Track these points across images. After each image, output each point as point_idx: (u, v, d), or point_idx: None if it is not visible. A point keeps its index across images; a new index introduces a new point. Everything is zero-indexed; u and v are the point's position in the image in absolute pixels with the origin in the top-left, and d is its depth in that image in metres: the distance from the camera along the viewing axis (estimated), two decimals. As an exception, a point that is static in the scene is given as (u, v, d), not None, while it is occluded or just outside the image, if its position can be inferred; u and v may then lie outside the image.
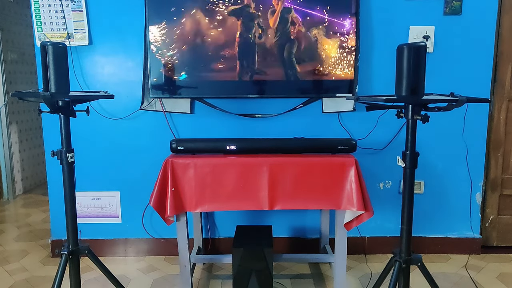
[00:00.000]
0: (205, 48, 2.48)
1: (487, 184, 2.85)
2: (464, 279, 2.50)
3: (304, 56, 2.50)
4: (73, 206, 1.85)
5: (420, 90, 1.62)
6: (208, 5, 2.43)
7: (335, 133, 2.72)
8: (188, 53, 2.49)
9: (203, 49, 2.48)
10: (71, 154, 1.80)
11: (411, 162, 1.72)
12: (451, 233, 2.84)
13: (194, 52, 2.48)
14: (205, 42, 2.48)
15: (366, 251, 2.86)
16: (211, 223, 2.84)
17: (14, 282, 2.47)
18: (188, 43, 2.47)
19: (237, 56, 2.49)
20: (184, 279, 2.29)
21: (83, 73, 2.68)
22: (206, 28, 2.45)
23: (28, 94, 1.71)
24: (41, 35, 2.61)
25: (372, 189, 2.79)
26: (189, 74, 2.51)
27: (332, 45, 2.49)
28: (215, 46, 2.48)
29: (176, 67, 2.50)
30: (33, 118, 4.70)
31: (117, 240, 2.83)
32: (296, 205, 2.16)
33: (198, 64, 2.49)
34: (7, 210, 3.92)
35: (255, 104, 2.69)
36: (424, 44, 1.61)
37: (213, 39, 2.47)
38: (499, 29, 2.68)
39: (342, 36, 2.48)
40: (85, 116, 2.67)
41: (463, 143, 2.74)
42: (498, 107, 2.77)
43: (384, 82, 2.68)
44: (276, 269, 2.64)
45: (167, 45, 2.47)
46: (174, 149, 2.23)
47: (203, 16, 2.44)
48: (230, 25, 2.46)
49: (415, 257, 1.77)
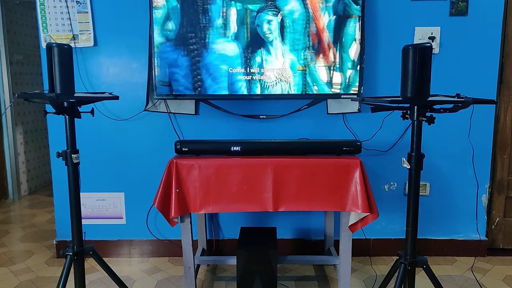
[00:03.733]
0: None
1: (493, 186, 2.83)
2: (470, 281, 2.49)
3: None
4: (78, 207, 1.85)
5: (425, 91, 1.61)
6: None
7: (340, 135, 2.71)
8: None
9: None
10: (76, 155, 1.80)
11: (416, 163, 1.71)
12: (456, 235, 2.82)
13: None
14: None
15: (371, 253, 2.84)
16: (215, 225, 2.84)
17: (19, 283, 2.48)
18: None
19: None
20: (188, 280, 2.28)
21: (88, 74, 2.69)
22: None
23: (33, 95, 1.72)
24: (46, 37, 2.62)
25: (377, 191, 2.78)
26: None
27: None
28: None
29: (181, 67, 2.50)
30: (38, 119, 4.73)
31: (121, 241, 2.84)
32: (301, 206, 2.16)
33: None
34: (13, 211, 3.94)
35: (260, 105, 2.68)
36: (430, 45, 1.60)
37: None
38: (505, 30, 2.67)
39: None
40: (90, 117, 2.68)
41: (469, 144, 2.72)
42: (504, 108, 2.75)
43: (389, 83, 2.67)
44: (281, 271, 2.63)
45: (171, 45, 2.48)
46: (178, 150, 2.23)
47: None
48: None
49: (421, 260, 1.76)
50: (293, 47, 2.48)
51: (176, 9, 2.44)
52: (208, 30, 2.45)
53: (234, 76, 2.50)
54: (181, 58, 2.49)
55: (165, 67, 2.50)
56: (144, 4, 2.58)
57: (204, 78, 2.51)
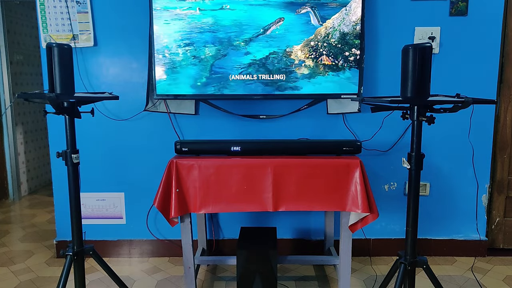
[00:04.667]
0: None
1: (493, 186, 2.82)
2: (470, 281, 2.49)
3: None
4: (78, 207, 1.85)
5: (425, 91, 1.61)
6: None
7: (340, 135, 2.71)
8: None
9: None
10: (76, 155, 1.80)
11: (416, 163, 1.71)
12: (456, 235, 2.82)
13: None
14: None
15: (371, 253, 2.84)
16: (215, 225, 2.84)
17: (20, 283, 2.48)
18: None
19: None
20: (188, 280, 2.28)
21: (88, 74, 2.69)
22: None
23: (33, 95, 1.72)
24: (46, 37, 2.62)
25: (377, 191, 2.78)
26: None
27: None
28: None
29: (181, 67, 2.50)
30: (38, 119, 4.73)
31: (121, 241, 2.84)
32: (301, 206, 2.15)
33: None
34: (13, 211, 3.94)
35: (260, 105, 2.68)
36: (430, 45, 1.60)
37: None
38: (505, 30, 2.67)
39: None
40: (90, 117, 2.68)
41: (469, 144, 2.72)
42: (504, 108, 2.75)
43: (389, 83, 2.67)
44: (281, 271, 2.63)
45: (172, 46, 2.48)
46: (178, 150, 2.23)
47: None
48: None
49: (421, 260, 1.76)
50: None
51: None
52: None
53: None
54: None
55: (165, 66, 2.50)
56: (144, 4, 2.58)
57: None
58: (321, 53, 2.46)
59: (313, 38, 2.45)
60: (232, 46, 2.47)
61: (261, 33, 2.46)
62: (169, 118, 2.71)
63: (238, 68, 2.49)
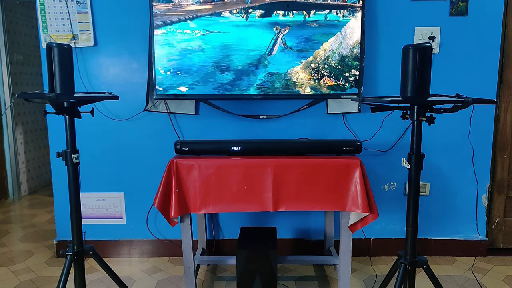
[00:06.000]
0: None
1: (493, 186, 2.82)
2: (470, 281, 2.49)
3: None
4: (78, 207, 1.85)
5: (425, 91, 1.61)
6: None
7: (340, 135, 2.71)
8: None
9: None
10: (76, 155, 1.80)
11: (416, 163, 1.71)
12: (457, 235, 2.82)
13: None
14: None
15: (371, 253, 2.84)
16: (215, 225, 2.84)
17: (20, 283, 2.48)
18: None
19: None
20: (188, 280, 2.29)
21: (88, 74, 2.69)
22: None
23: (33, 95, 1.72)
24: (46, 37, 2.62)
25: (377, 191, 2.78)
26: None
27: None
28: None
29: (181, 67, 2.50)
30: (38, 119, 4.73)
31: (121, 241, 2.84)
32: (301, 206, 2.16)
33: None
34: (13, 210, 3.94)
35: (260, 105, 2.68)
36: (430, 45, 1.60)
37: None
38: (505, 30, 2.67)
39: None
40: (90, 117, 2.68)
41: (469, 144, 2.72)
42: (504, 108, 2.75)
43: (390, 83, 2.67)
44: (281, 271, 2.63)
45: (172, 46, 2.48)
46: (178, 150, 2.23)
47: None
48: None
49: (421, 260, 1.76)
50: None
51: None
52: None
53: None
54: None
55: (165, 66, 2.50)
56: (144, 4, 2.58)
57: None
58: (322, 74, 2.50)
59: (312, 60, 2.48)
60: (234, 70, 2.49)
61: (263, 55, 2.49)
62: (169, 118, 2.71)
63: (240, 90, 2.52)
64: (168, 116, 2.71)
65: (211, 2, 2.41)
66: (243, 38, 2.46)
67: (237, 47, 2.47)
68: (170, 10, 2.44)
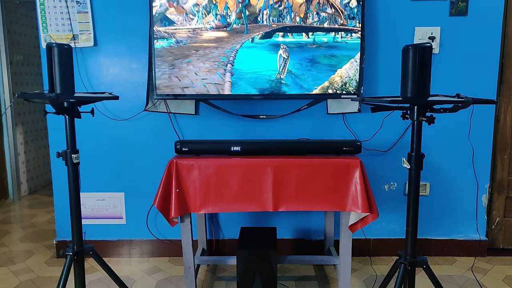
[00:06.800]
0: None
1: (493, 186, 2.83)
2: (470, 281, 2.49)
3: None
4: (78, 207, 1.85)
5: (425, 91, 1.61)
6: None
7: (340, 135, 2.71)
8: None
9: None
10: (76, 155, 1.80)
11: (416, 163, 1.71)
12: (457, 235, 2.82)
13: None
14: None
15: (371, 253, 2.84)
16: (215, 225, 2.84)
17: (19, 283, 2.48)
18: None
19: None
20: (188, 280, 2.29)
21: (88, 74, 2.69)
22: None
23: (33, 95, 1.72)
24: (46, 37, 2.62)
25: (377, 191, 2.78)
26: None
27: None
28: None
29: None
30: (38, 119, 4.73)
31: (121, 241, 2.84)
32: (301, 206, 2.16)
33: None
34: (13, 210, 3.94)
35: (260, 105, 2.68)
36: (430, 45, 1.60)
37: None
38: (505, 30, 2.67)
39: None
40: (90, 117, 2.68)
41: (469, 144, 2.72)
42: (504, 108, 2.75)
43: (390, 83, 2.67)
44: (281, 271, 2.63)
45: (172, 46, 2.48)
46: (178, 150, 2.23)
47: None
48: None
49: (421, 260, 1.76)
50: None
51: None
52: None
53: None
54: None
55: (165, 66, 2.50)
56: (144, 4, 2.58)
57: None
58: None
59: (329, 85, 2.50)
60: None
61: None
62: (169, 118, 2.71)
63: (240, 90, 2.52)
64: (168, 116, 2.71)
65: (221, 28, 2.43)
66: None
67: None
68: (168, 33, 2.46)
